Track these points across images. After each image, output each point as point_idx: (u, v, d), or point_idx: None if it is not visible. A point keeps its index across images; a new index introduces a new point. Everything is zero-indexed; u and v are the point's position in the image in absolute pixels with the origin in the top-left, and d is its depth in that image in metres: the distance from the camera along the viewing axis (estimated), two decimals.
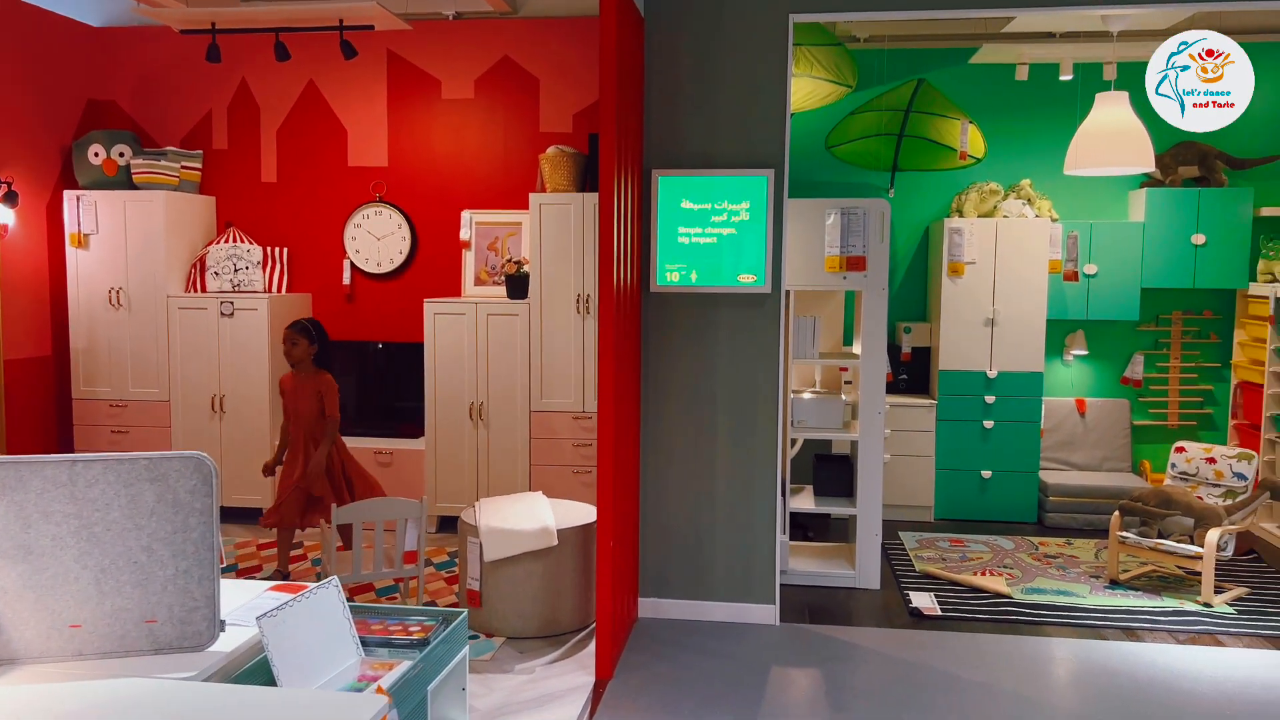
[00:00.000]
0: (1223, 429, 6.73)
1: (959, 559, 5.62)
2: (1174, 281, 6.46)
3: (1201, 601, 4.83)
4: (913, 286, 6.97)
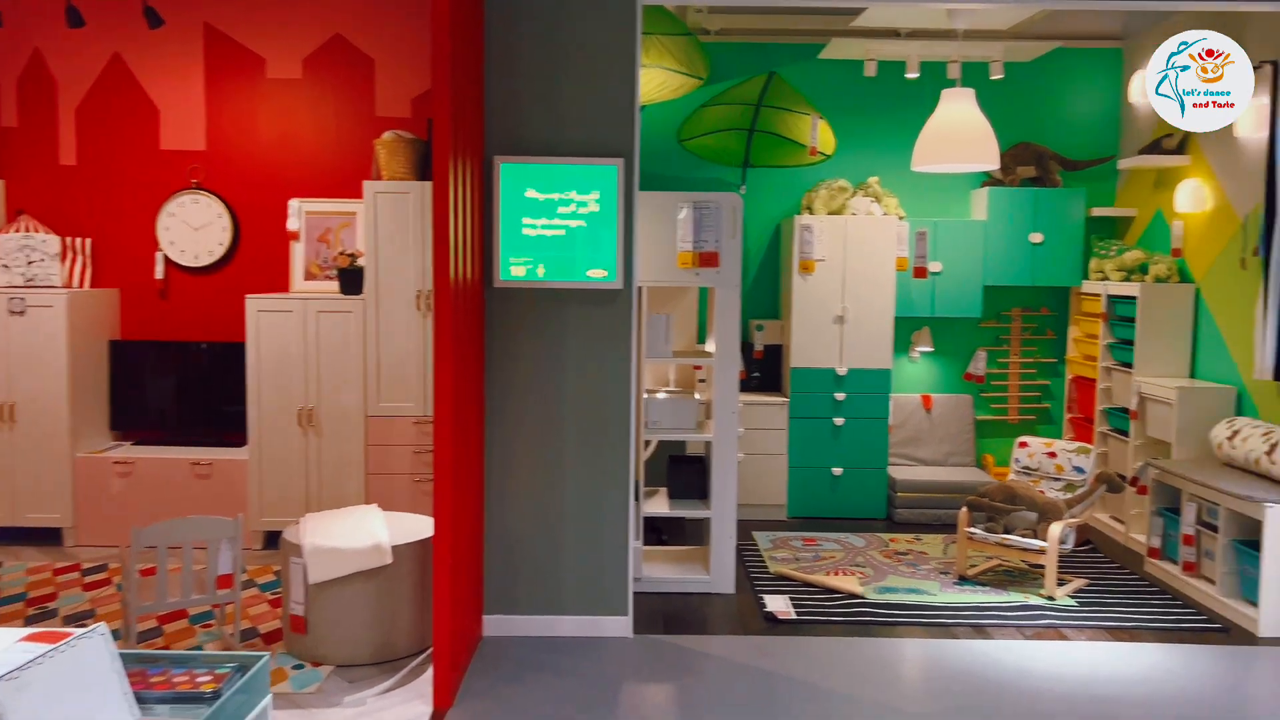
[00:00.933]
0: (1059, 422, 6.96)
1: (812, 558, 5.56)
2: (1014, 279, 6.61)
3: (1045, 595, 4.90)
4: (765, 283, 6.90)
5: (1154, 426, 5.72)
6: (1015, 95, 6.72)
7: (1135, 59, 6.56)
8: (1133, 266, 6.13)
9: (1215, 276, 5.67)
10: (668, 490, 5.31)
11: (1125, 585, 5.15)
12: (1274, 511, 4.41)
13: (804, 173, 6.66)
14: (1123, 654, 4.27)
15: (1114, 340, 6.21)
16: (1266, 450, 4.74)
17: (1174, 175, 6.07)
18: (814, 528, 6.23)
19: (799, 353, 6.40)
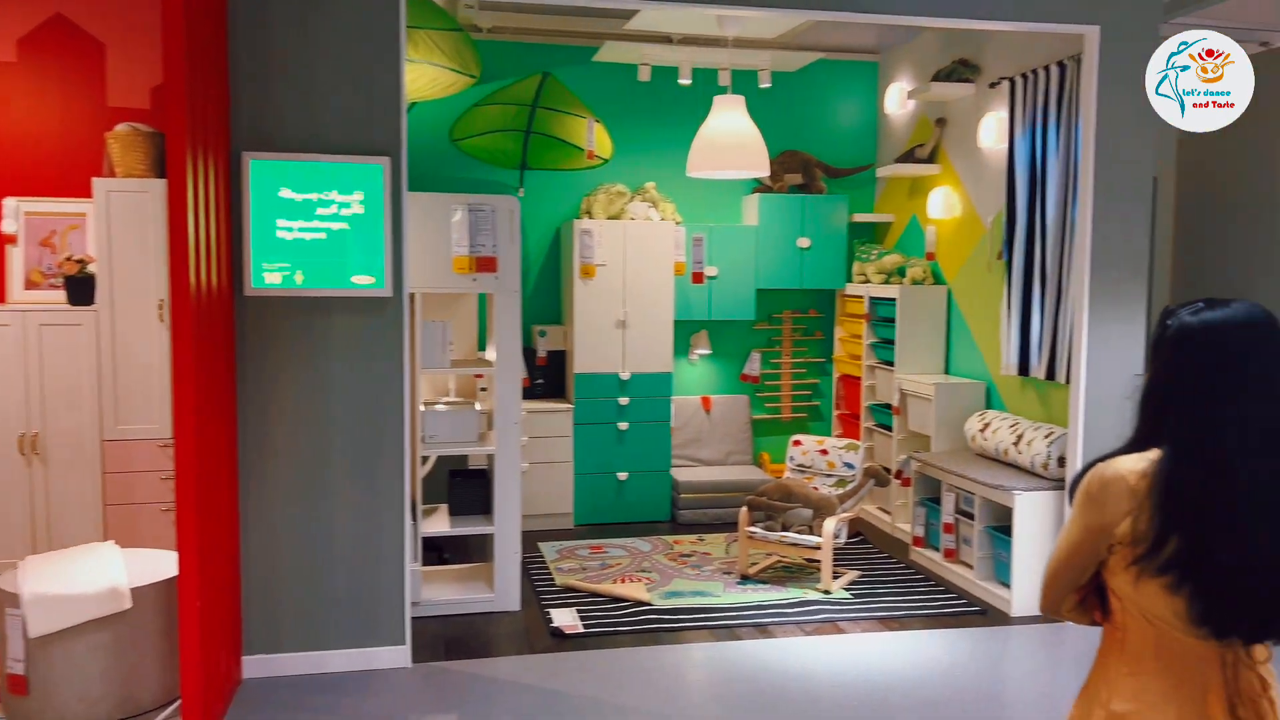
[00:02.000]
0: (829, 419, 7.25)
1: (599, 567, 5.48)
2: (784, 282, 6.82)
3: (822, 589, 5.05)
4: (546, 288, 6.78)
5: (915, 421, 6.05)
6: (782, 104, 6.93)
7: (890, 72, 6.94)
8: (892, 269, 6.47)
9: (965, 279, 6.06)
10: (449, 506, 5.07)
11: (894, 574, 5.40)
12: (1022, 499, 4.74)
13: (582, 176, 6.58)
14: (894, 643, 4.45)
15: (876, 340, 6.53)
16: (1014, 441, 5.09)
17: (926, 183, 6.45)
18: (601, 535, 6.16)
19: (582, 358, 6.32)
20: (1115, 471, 1.60)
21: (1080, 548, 1.64)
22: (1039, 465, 4.88)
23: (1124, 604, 1.62)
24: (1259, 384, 1.56)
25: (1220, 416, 1.55)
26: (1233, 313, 1.60)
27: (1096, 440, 4.62)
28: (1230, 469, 1.53)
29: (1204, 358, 1.58)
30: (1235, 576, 1.52)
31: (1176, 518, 1.53)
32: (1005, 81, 5.50)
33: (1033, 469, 4.94)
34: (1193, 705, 1.58)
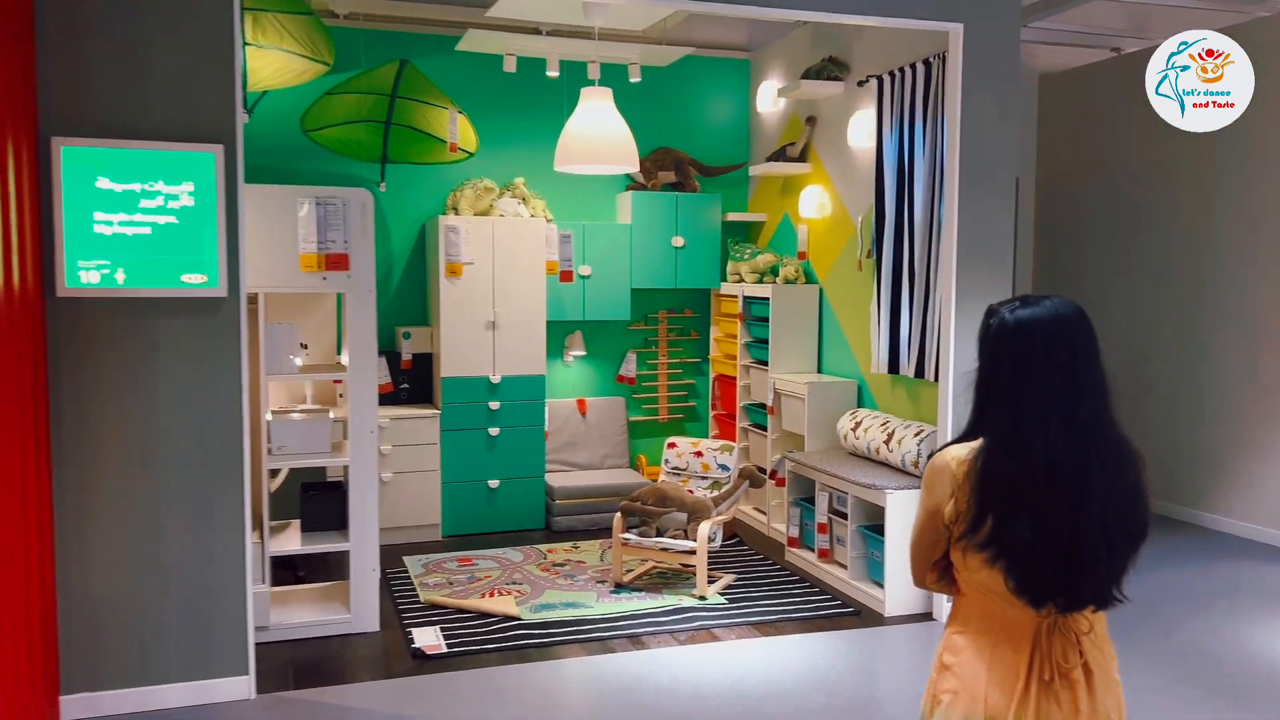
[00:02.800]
0: (705, 420, 7.16)
1: (467, 580, 5.23)
2: (659, 282, 6.70)
3: (697, 595, 4.92)
4: (412, 288, 6.47)
5: (789, 420, 6.00)
6: (654, 100, 6.81)
7: (761, 69, 6.89)
8: (765, 269, 6.42)
9: (836, 277, 6.05)
10: (302, 522, 4.73)
11: (769, 576, 5.32)
12: (894, 497, 4.71)
13: (448, 171, 6.31)
14: (769, 649, 4.35)
15: (751, 339, 6.47)
16: (885, 439, 5.07)
17: (798, 182, 6.42)
18: (470, 546, 5.90)
19: (450, 361, 6.04)
20: (943, 459, 1.79)
21: (924, 527, 1.85)
22: (909, 463, 4.87)
23: (961, 575, 1.83)
24: (1063, 376, 1.71)
25: (1029, 407, 1.70)
26: (1042, 310, 1.74)
27: None
28: (1033, 456, 1.68)
29: (1016, 353, 1.73)
30: (1036, 553, 1.68)
31: (988, 500, 1.70)
32: (873, 79, 5.50)
33: (903, 467, 4.93)
34: (1003, 665, 1.77)
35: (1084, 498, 1.68)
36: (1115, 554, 1.71)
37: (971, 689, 1.78)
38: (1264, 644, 4.39)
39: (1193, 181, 6.40)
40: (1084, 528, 1.68)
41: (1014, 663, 1.76)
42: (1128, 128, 6.89)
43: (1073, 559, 1.68)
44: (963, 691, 1.79)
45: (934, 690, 1.85)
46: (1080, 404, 1.69)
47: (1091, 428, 1.69)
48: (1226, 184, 6.17)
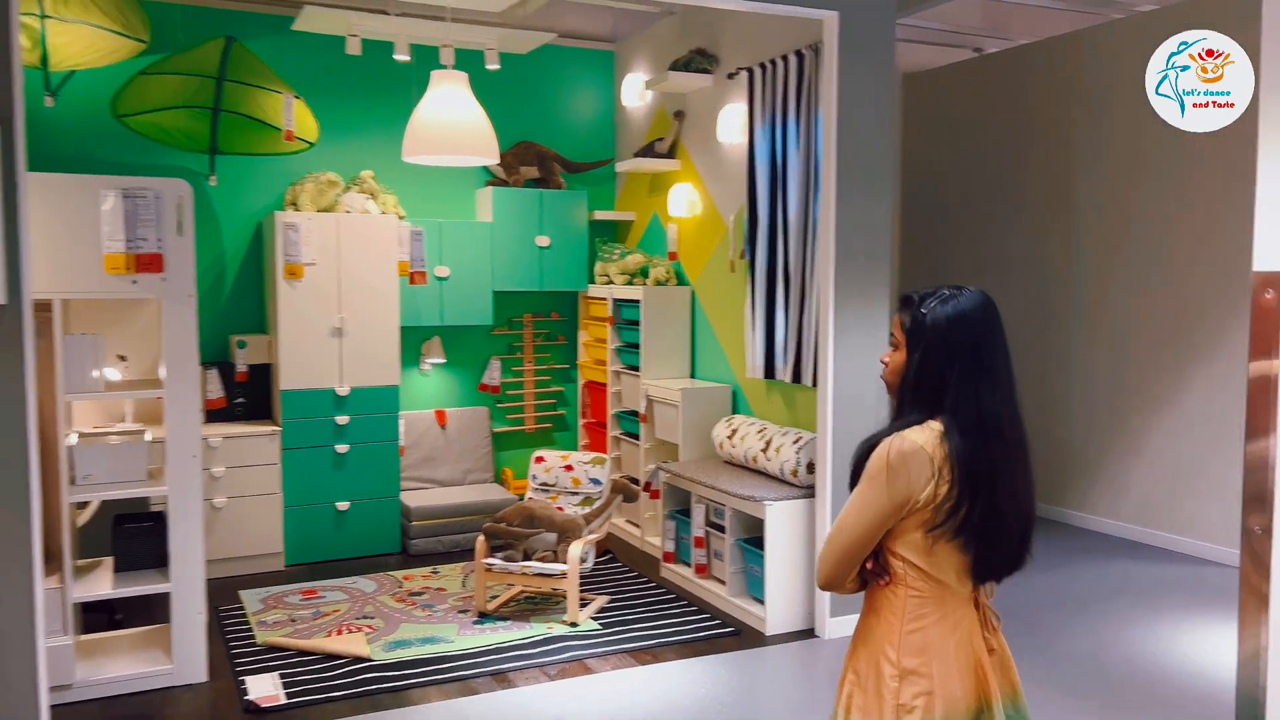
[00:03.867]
0: (575, 429, 6.80)
1: (312, 616, 4.71)
2: (523, 284, 6.31)
3: (569, 622, 4.56)
4: (247, 292, 5.87)
5: (662, 429, 5.71)
6: (514, 91, 6.42)
7: (626, 62, 6.59)
8: (635, 270, 6.11)
9: (708, 279, 5.80)
10: (115, 561, 4.13)
11: (645, 596, 5.01)
12: (773, 509, 4.47)
13: (286, 163, 5.74)
14: (646, 678, 4.03)
15: (621, 344, 6.16)
16: (762, 447, 4.83)
17: (667, 180, 6.15)
18: (318, 575, 5.37)
19: (291, 372, 5.49)
20: (913, 443, 1.73)
21: (880, 519, 1.76)
22: (788, 472, 4.64)
23: (907, 566, 1.78)
24: (1004, 357, 1.80)
25: (988, 388, 1.76)
26: (975, 298, 1.81)
27: (847, 444, 4.42)
28: (1001, 431, 1.75)
29: (984, 331, 1.78)
30: (1004, 528, 1.75)
31: (970, 483, 1.72)
32: (744, 72, 5.26)
33: (782, 476, 4.70)
34: (964, 649, 1.77)
35: (1028, 468, 1.81)
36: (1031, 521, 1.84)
37: (946, 685, 1.75)
38: (1145, 646, 4.35)
39: (1055, 183, 6.45)
40: (1032, 496, 1.82)
41: (974, 645, 1.78)
42: (989, 128, 6.91)
43: (1027, 529, 1.80)
44: (937, 691, 1.75)
45: (896, 701, 1.76)
46: (1012, 380, 1.80)
47: (1018, 402, 1.81)
48: (1089, 184, 6.23)
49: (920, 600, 1.77)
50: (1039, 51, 6.56)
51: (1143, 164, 5.86)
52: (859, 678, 1.82)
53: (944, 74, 7.28)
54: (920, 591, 1.77)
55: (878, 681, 1.77)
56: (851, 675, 1.84)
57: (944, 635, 1.76)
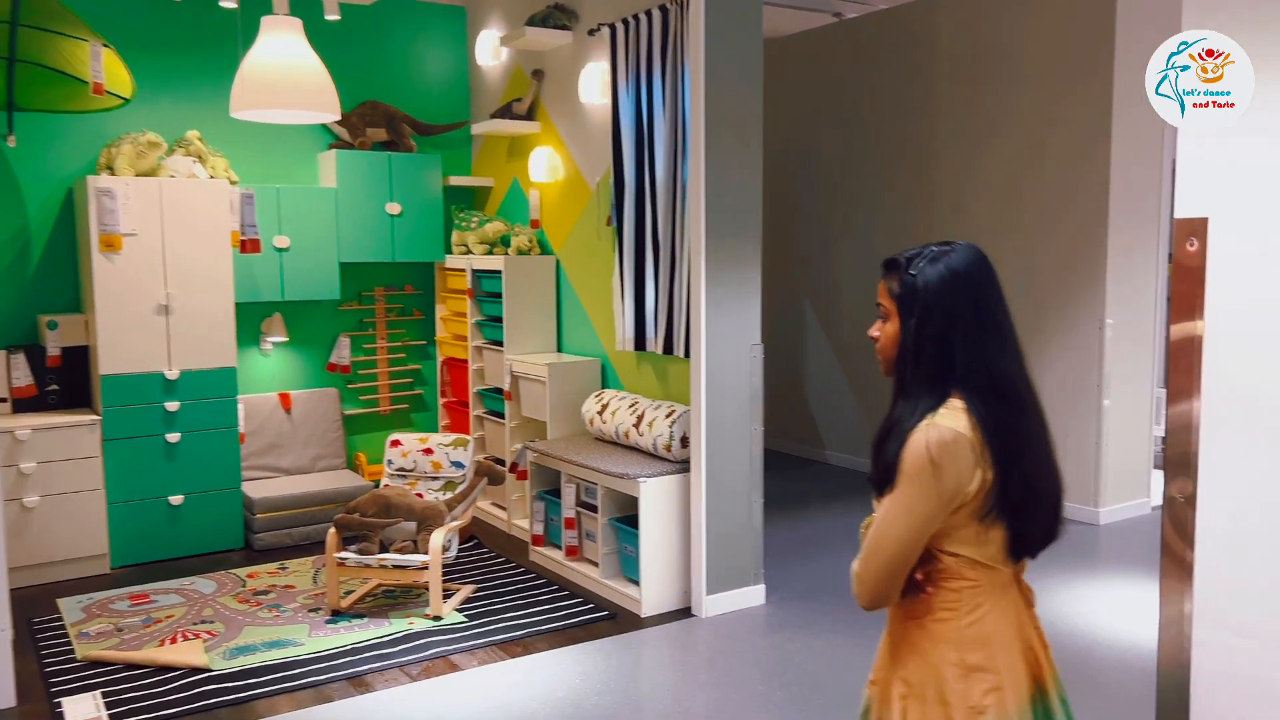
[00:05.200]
0: (434, 409, 6.44)
1: (141, 624, 4.24)
2: (373, 255, 5.88)
3: (432, 615, 4.25)
4: (58, 267, 5.25)
5: (529, 406, 5.44)
6: (358, 47, 5.96)
7: (479, 19, 6.22)
8: (494, 239, 5.79)
9: (573, 247, 5.53)
10: None
11: (513, 582, 4.74)
12: (647, 486, 4.28)
13: (99, 122, 5.15)
14: (517, 672, 3.78)
15: (482, 318, 5.83)
16: (634, 422, 4.63)
17: (526, 143, 5.84)
18: (150, 577, 4.87)
19: (111, 355, 4.93)
20: (952, 432, 1.55)
21: (930, 522, 1.57)
22: (661, 447, 4.45)
23: (960, 559, 1.61)
24: (1006, 315, 1.63)
25: (995, 350, 1.60)
26: (968, 252, 1.64)
27: (721, 415, 4.27)
28: (1019, 399, 1.60)
29: (967, 296, 1.60)
30: (1040, 500, 1.61)
31: (1006, 456, 1.56)
32: (605, 28, 5.00)
33: (655, 452, 4.51)
34: (1020, 633, 1.64)
35: (1046, 427, 1.65)
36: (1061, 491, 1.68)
37: (1013, 678, 1.62)
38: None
39: (916, 148, 6.47)
40: (1056, 463, 1.65)
41: (1028, 629, 1.67)
42: (850, 94, 6.87)
43: (1058, 497, 1.65)
44: (1006, 684, 1.61)
45: (965, 703, 1.60)
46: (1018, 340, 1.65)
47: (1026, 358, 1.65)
48: (949, 149, 6.26)
49: (975, 590, 1.62)
50: (899, 15, 6.54)
51: (1000, 129, 5.92)
52: (912, 688, 1.64)
53: (802, 39, 7.20)
54: (975, 581, 1.62)
55: (940, 687, 1.61)
56: (902, 688, 1.65)
57: (1002, 624, 1.63)
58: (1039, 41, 5.66)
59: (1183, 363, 1.73)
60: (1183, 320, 1.77)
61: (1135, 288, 5.63)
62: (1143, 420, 5.76)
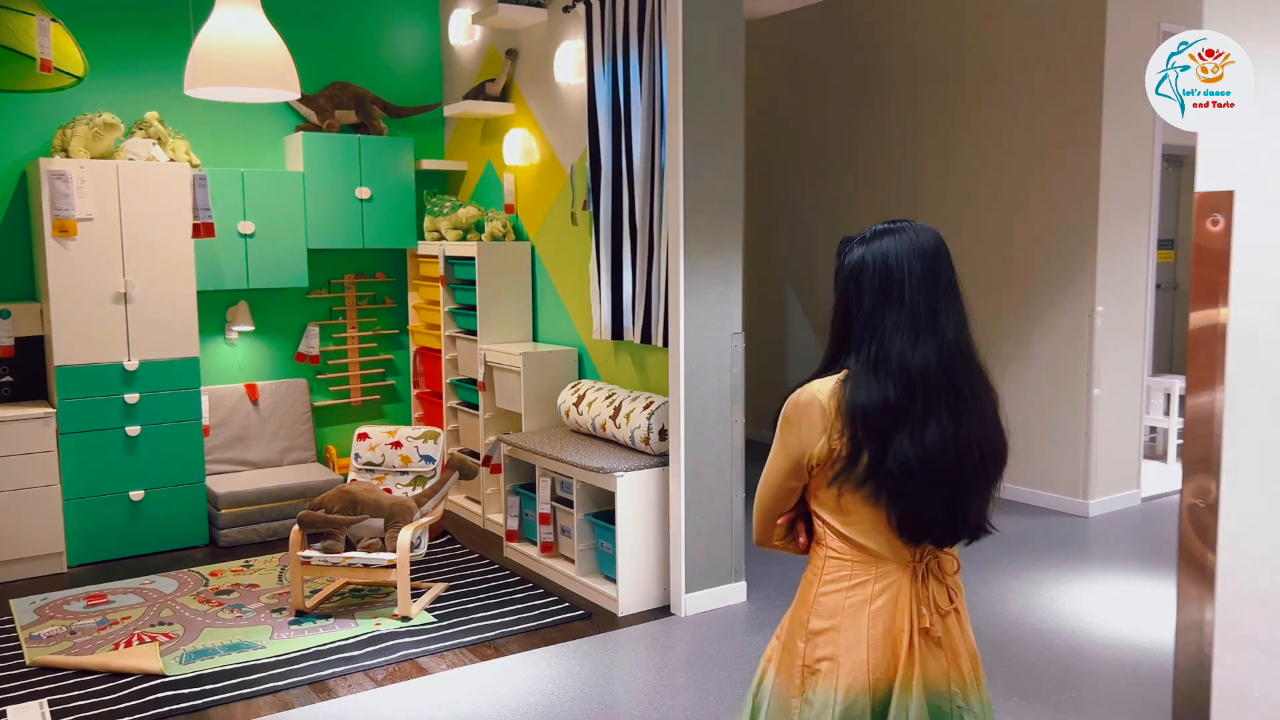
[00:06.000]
0: (407, 400, 6.27)
1: (96, 626, 4.06)
2: (343, 241, 5.69)
3: (400, 616, 4.09)
4: (10, 253, 5.04)
5: (503, 397, 5.27)
6: (325, 26, 5.75)
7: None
8: (468, 225, 5.61)
9: (549, 233, 5.36)
10: None
11: (486, 580, 4.59)
12: (625, 480, 4.12)
13: (53, 102, 4.93)
14: (488, 676, 3.62)
15: (456, 306, 5.65)
16: (611, 414, 4.47)
17: (501, 125, 5.65)
18: (110, 576, 4.68)
19: (67, 345, 4.73)
20: (810, 395, 1.65)
21: (785, 472, 1.69)
22: (639, 440, 4.30)
23: (826, 525, 1.69)
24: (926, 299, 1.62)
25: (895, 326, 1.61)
26: (903, 234, 1.66)
27: (700, 408, 4.12)
28: (907, 372, 1.60)
29: (876, 279, 1.64)
30: (919, 477, 1.58)
31: (865, 428, 1.59)
32: (581, 5, 4.82)
33: (633, 445, 4.35)
34: (885, 620, 1.63)
35: (960, 419, 1.61)
36: (989, 481, 1.67)
37: (852, 653, 1.65)
38: (1010, 604, 4.25)
39: (899, 132, 6.31)
40: (964, 450, 1.61)
41: (896, 615, 1.65)
42: (831, 75, 6.71)
43: (957, 485, 1.62)
44: (842, 657, 1.65)
45: (803, 662, 1.69)
46: (946, 324, 1.63)
47: (957, 348, 1.64)
48: (934, 133, 6.11)
49: (838, 563, 1.68)
50: None
51: (985, 112, 5.77)
52: (781, 633, 1.77)
53: (784, 20, 7.03)
54: (838, 553, 1.68)
55: (790, 639, 1.72)
56: (777, 630, 1.80)
57: (859, 602, 1.66)
58: (1028, 23, 5.52)
59: (1204, 353, 1.59)
60: (1204, 307, 1.62)
61: (1126, 275, 5.51)
62: (1133, 410, 5.65)
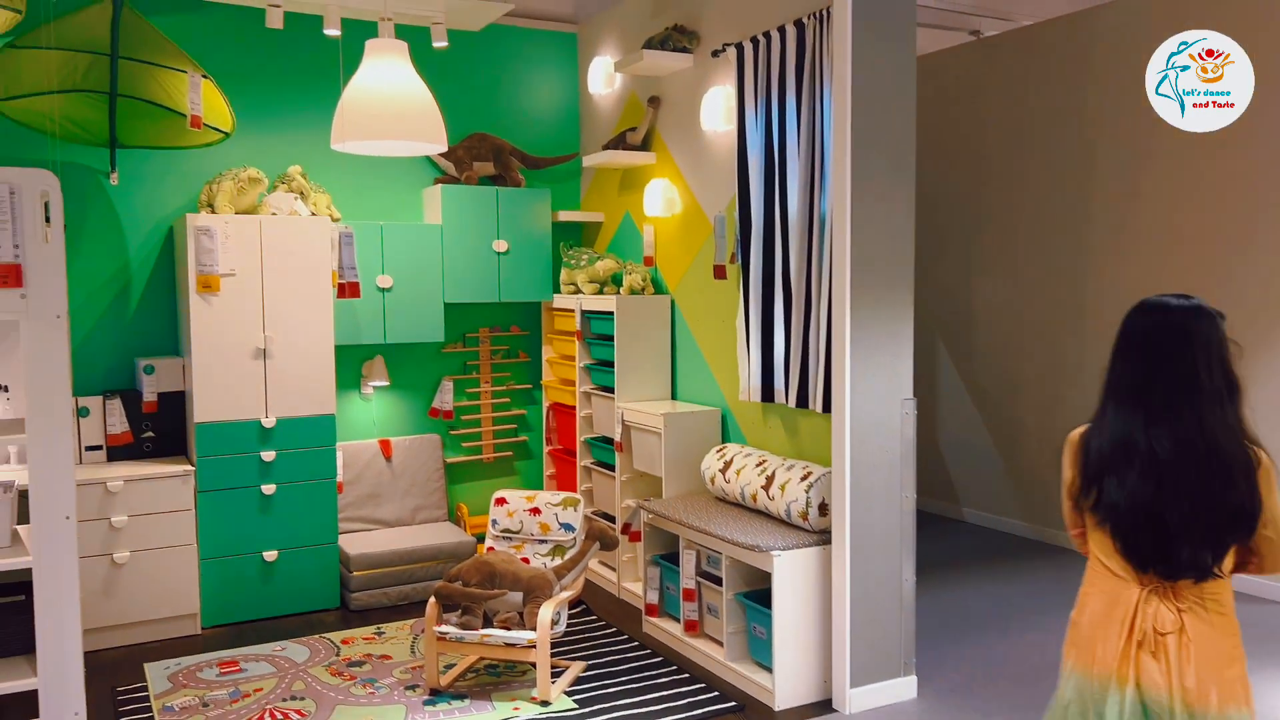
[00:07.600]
0: (539, 457, 6.05)
1: (228, 697, 3.91)
2: (479, 295, 5.54)
3: (539, 700, 3.81)
4: (156, 309, 5.05)
5: (641, 459, 4.98)
6: (466, 77, 5.67)
7: (592, 44, 5.87)
8: (605, 277, 5.39)
9: (690, 287, 5.09)
10: None
11: (626, 659, 4.27)
12: (782, 560, 3.76)
13: (201, 158, 4.95)
14: None
15: (592, 361, 5.42)
16: (764, 484, 4.13)
17: (640, 175, 5.44)
18: (241, 640, 4.56)
19: (207, 402, 4.68)
20: (1072, 434, 2.12)
21: (1065, 495, 2.15)
22: (796, 514, 3.94)
23: (1089, 537, 2.12)
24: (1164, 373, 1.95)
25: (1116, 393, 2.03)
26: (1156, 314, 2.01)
27: (868, 479, 3.74)
28: (1107, 431, 2.01)
29: (1123, 341, 2.05)
30: (1126, 515, 1.97)
31: (1084, 470, 2.06)
32: (731, 48, 4.57)
33: (789, 519, 3.99)
34: (1111, 625, 2.01)
35: (1162, 474, 1.92)
36: (1206, 531, 1.90)
37: (1086, 645, 2.04)
38: None
39: (1059, 175, 5.84)
40: (1169, 500, 1.91)
41: (1118, 623, 1.98)
42: (989, 115, 6.29)
43: (1160, 528, 1.93)
44: (1079, 647, 2.06)
45: (1065, 644, 2.12)
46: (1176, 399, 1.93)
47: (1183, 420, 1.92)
48: (1096, 178, 5.62)
49: (1092, 570, 2.10)
50: (1040, 33, 5.95)
51: (1151, 152, 5.26)
52: None
53: (938, 59, 6.66)
54: (1093, 561, 2.10)
55: None
56: None
57: (1101, 607, 2.04)
58: None
59: None
60: None
61: None
62: None
